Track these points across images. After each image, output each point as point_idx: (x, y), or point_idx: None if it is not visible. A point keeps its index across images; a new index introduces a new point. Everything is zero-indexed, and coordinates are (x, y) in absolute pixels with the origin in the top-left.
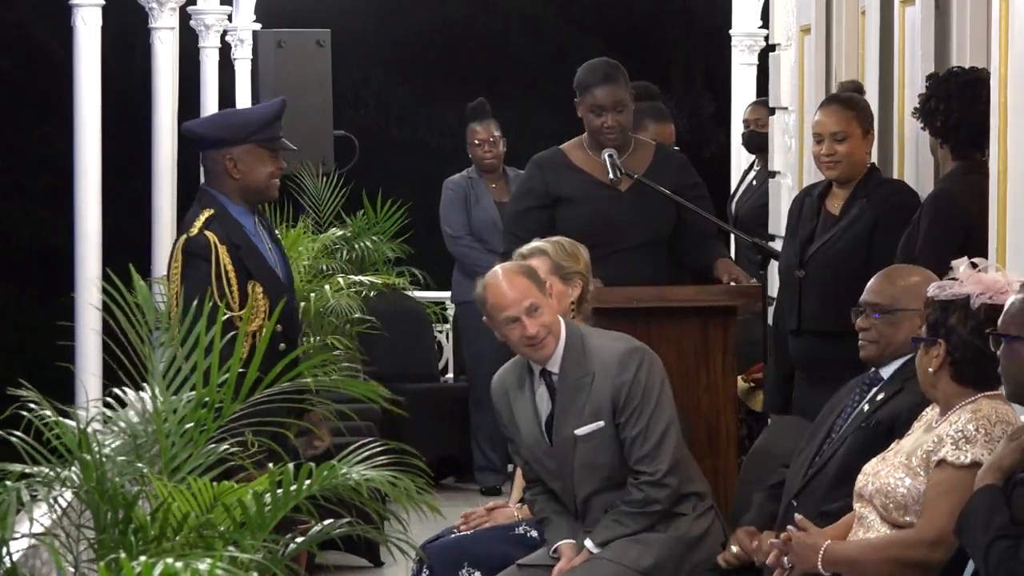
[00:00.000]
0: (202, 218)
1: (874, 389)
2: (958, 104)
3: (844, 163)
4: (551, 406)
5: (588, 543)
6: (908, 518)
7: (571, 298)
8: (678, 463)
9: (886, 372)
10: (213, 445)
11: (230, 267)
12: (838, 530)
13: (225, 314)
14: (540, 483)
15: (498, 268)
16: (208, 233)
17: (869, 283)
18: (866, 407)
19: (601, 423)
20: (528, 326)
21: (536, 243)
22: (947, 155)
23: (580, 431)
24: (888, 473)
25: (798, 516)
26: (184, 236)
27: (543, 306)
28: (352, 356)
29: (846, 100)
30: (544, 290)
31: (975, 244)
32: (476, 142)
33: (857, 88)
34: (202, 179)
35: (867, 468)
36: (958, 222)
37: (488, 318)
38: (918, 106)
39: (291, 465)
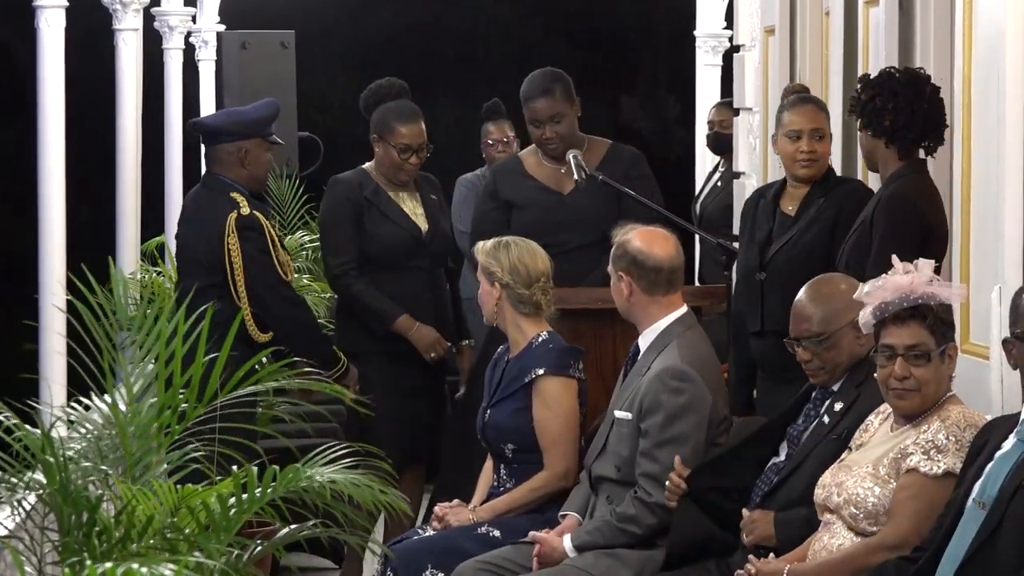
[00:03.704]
0: (243, 199)
1: (828, 401)
2: (905, 103)
3: (820, 161)
4: (622, 380)
5: (566, 541)
6: (876, 528)
7: (494, 298)
8: None
9: (835, 384)
10: (177, 449)
11: (275, 240)
12: (799, 553)
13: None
14: None
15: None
16: (256, 212)
17: (793, 312)
18: (826, 419)
19: (629, 415)
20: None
21: (480, 243)
22: (892, 155)
23: (618, 413)
24: (856, 484)
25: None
26: (235, 214)
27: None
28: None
29: (817, 100)
30: (487, 276)
31: (932, 245)
32: (490, 142)
33: (805, 92)
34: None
35: (825, 480)
36: (917, 225)
37: None
38: (855, 107)
39: (255, 468)
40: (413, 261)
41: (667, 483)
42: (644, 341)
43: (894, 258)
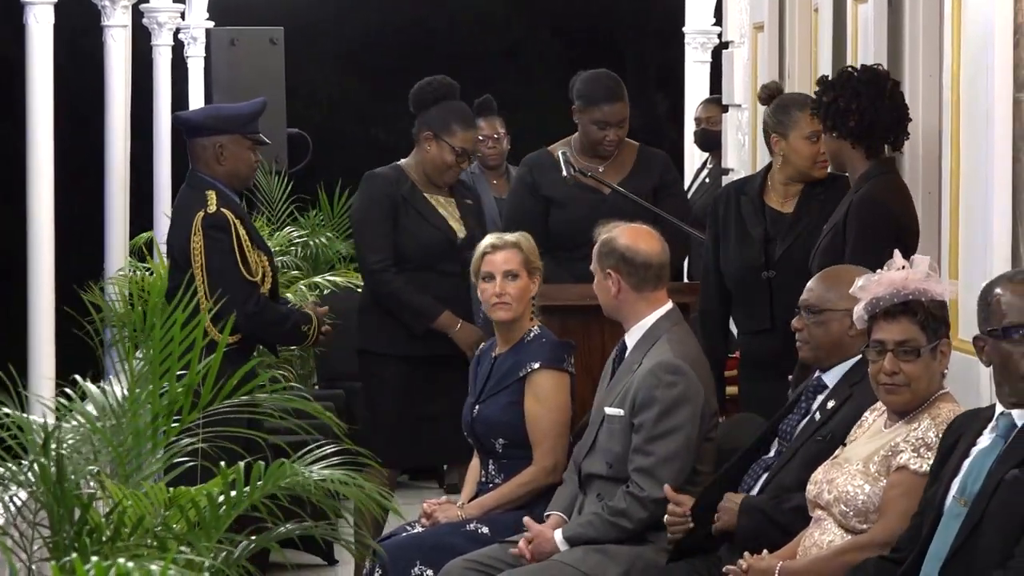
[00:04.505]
0: (213, 196)
1: (821, 397)
2: (868, 102)
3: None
4: (610, 377)
5: (558, 535)
6: (866, 526)
7: (532, 292)
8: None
9: (830, 379)
10: (171, 449)
11: (246, 239)
12: (791, 550)
13: (249, 279)
14: None
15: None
16: (224, 210)
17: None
18: (818, 415)
19: (621, 411)
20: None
21: (508, 236)
22: (859, 155)
23: (609, 410)
24: (846, 481)
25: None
26: (202, 212)
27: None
28: (305, 360)
29: None
30: (530, 271)
31: (905, 246)
32: (480, 138)
33: (779, 89)
34: (152, 171)
35: (817, 476)
36: (891, 227)
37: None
38: (818, 108)
39: (242, 466)
40: (444, 265)
41: (668, 517)
42: (631, 338)
43: (896, 253)
